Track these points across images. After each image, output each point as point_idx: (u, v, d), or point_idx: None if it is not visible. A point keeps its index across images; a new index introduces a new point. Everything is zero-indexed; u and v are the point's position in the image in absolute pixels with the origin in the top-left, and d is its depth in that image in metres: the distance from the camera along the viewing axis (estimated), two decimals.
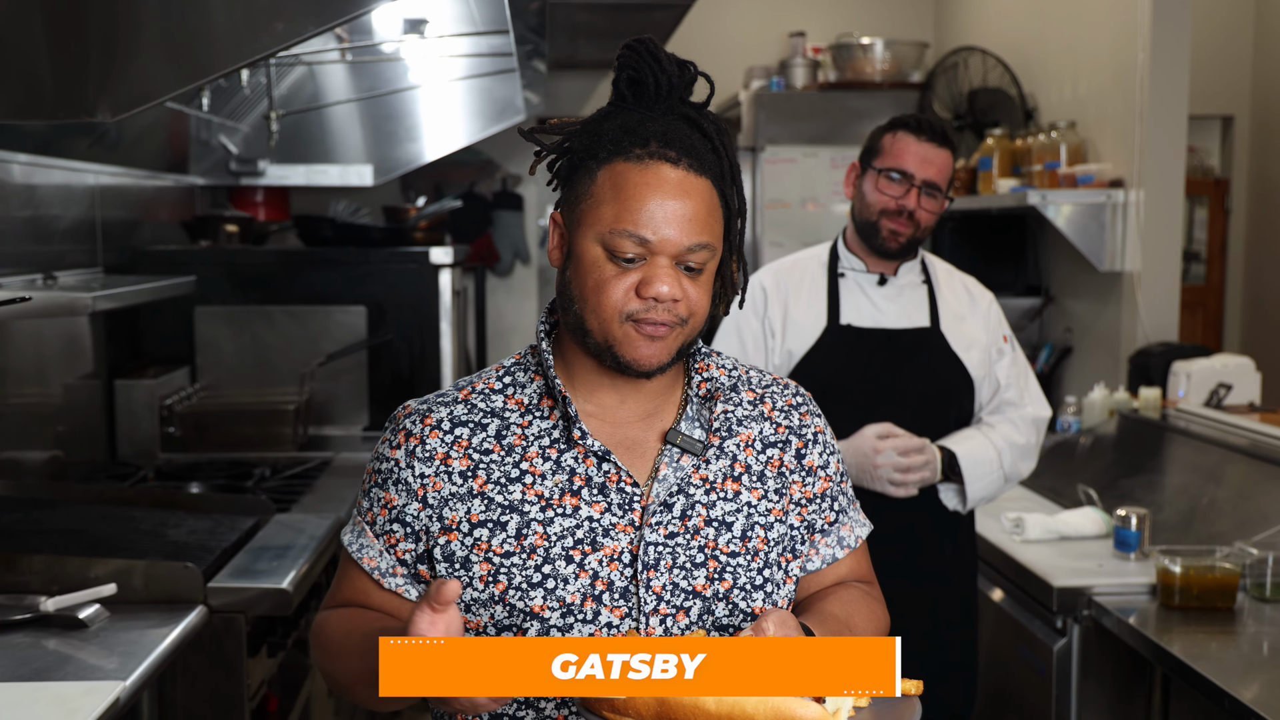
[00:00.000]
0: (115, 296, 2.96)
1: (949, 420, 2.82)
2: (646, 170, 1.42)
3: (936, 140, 2.73)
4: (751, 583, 1.49)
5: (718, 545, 1.48)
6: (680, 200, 1.42)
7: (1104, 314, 4.81)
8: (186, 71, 2.39)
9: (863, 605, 1.61)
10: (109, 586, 2.33)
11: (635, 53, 1.47)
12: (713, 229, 1.45)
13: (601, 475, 1.47)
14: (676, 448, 1.50)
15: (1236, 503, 3.28)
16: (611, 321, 1.43)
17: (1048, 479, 3.89)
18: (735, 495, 1.51)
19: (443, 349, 4.31)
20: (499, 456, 1.48)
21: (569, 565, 1.44)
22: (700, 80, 1.53)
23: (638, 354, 1.44)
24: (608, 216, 1.42)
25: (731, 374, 1.60)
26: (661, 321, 1.42)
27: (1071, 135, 4.83)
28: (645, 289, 1.41)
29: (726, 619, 1.47)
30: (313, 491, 3.38)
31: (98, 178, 3.69)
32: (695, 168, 1.44)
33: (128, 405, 3.76)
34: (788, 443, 1.57)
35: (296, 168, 4.79)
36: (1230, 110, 6.82)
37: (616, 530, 1.45)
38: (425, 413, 1.51)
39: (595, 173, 1.45)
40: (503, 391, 1.53)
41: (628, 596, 1.44)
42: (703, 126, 1.48)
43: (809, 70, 6.11)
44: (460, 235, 6.24)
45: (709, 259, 1.44)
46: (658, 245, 1.41)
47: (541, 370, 1.52)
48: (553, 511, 1.45)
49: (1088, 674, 3.00)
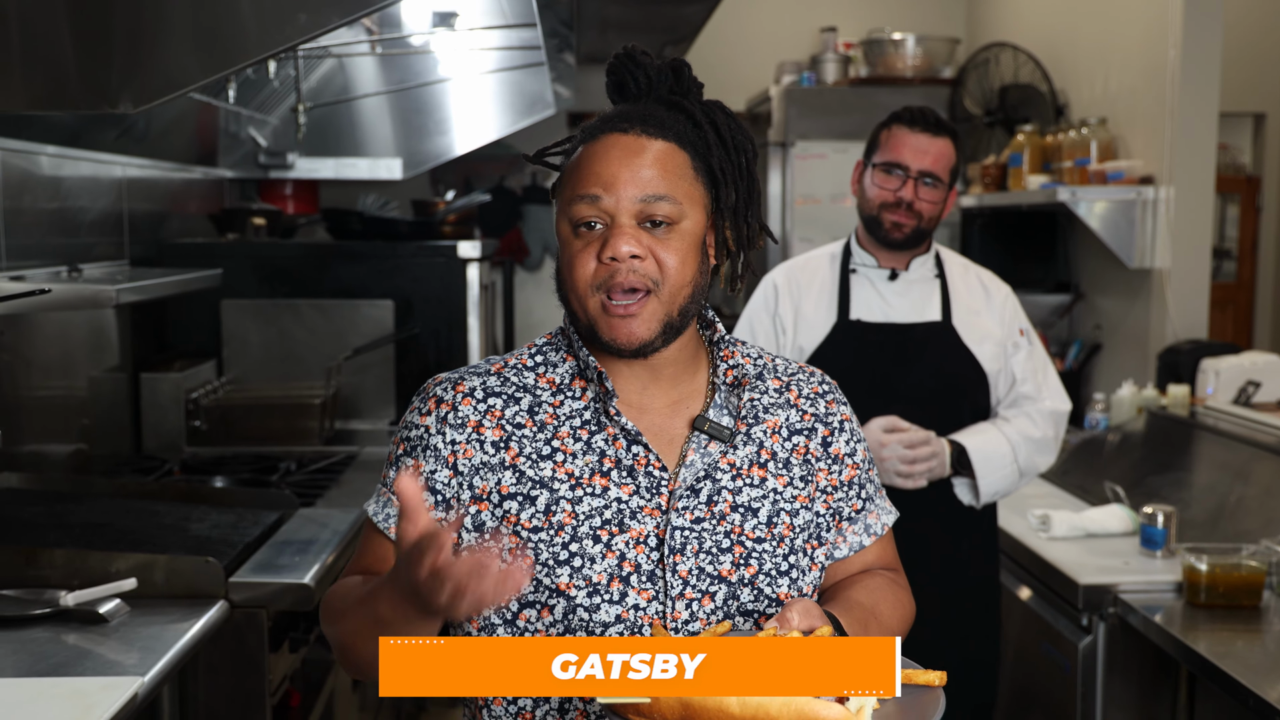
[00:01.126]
0: (140, 289, 2.97)
1: (963, 414, 2.81)
2: (598, 142, 1.47)
3: (930, 130, 2.73)
4: (777, 568, 1.50)
5: (744, 531, 1.49)
6: (632, 157, 1.44)
7: (1133, 311, 4.77)
8: (210, 63, 2.39)
9: (888, 593, 1.61)
10: (129, 581, 2.34)
11: (618, 60, 1.53)
12: (675, 185, 1.45)
13: (630, 458, 1.47)
14: (704, 434, 1.50)
15: (1264, 500, 3.25)
16: (586, 296, 1.45)
17: (1075, 476, 3.87)
18: (761, 481, 1.52)
19: (470, 343, 4.31)
20: (531, 432, 1.48)
21: (596, 545, 1.44)
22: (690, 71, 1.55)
23: (615, 333, 1.44)
24: (568, 192, 1.47)
25: (757, 363, 1.61)
26: (628, 286, 1.42)
27: (1102, 132, 4.79)
28: (605, 250, 1.42)
29: (752, 604, 1.48)
30: (338, 486, 3.39)
31: (125, 170, 3.70)
32: (650, 131, 1.46)
33: (153, 398, 3.77)
34: (814, 430, 1.58)
35: (325, 161, 4.80)
36: (1262, 108, 6.76)
37: (644, 513, 1.46)
38: (457, 380, 1.52)
39: (565, 166, 1.50)
40: (534, 369, 1.53)
41: (654, 580, 1.45)
42: (684, 105, 1.51)
43: (840, 65, 6.08)
44: (489, 229, 6.25)
45: (676, 215, 1.44)
46: (613, 204, 1.43)
47: (573, 350, 1.53)
48: (582, 491, 1.46)
49: (1113, 671, 2.98)
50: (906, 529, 2.65)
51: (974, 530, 2.87)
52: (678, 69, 1.52)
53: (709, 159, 1.49)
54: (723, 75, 6.25)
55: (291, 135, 4.65)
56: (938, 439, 2.71)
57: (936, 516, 2.79)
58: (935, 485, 2.75)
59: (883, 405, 2.71)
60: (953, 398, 2.82)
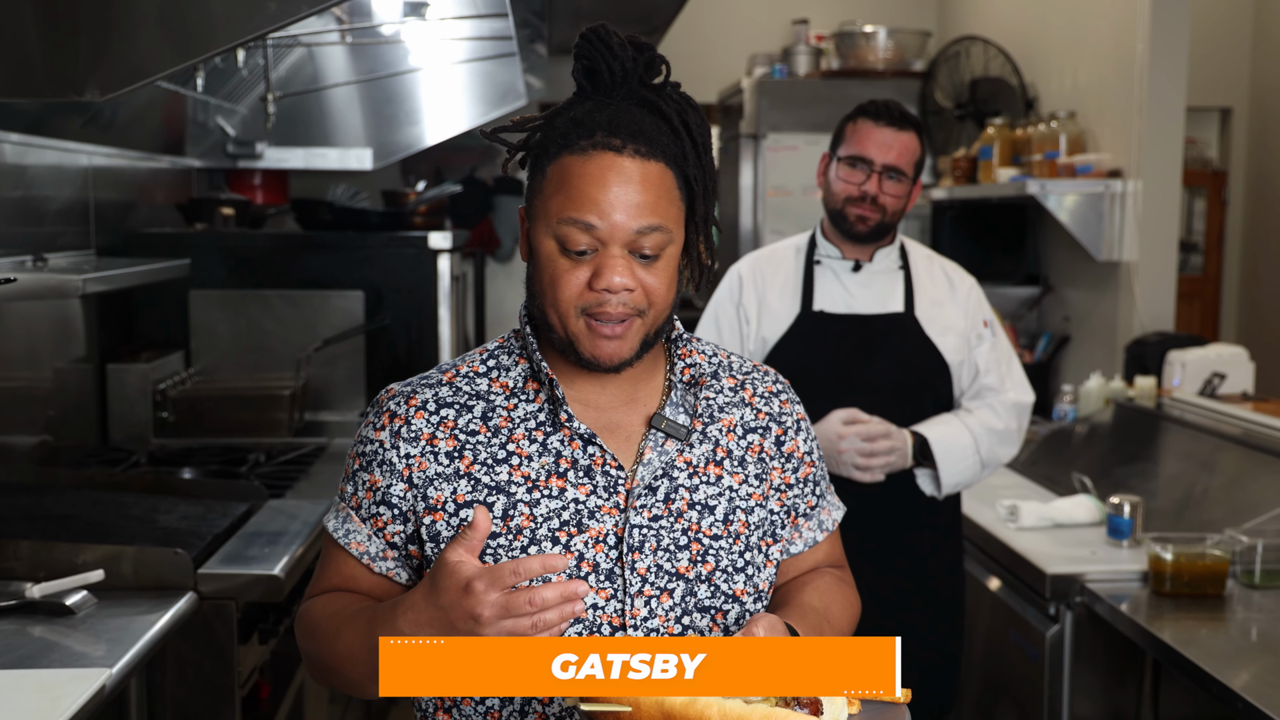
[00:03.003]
0: (107, 279, 2.94)
1: (925, 405, 2.82)
2: (589, 160, 1.41)
3: (896, 124, 2.74)
4: (733, 565, 1.50)
5: (700, 528, 1.49)
6: (626, 185, 1.40)
7: (1101, 303, 4.80)
8: (178, 51, 2.36)
9: (837, 594, 1.63)
10: (97, 573, 2.32)
11: (588, 42, 1.46)
12: (666, 212, 1.43)
13: (587, 458, 1.47)
14: (661, 432, 1.50)
15: (1229, 491, 3.29)
16: (568, 316, 1.43)
17: (1043, 467, 3.90)
18: (717, 479, 1.52)
19: (441, 335, 4.30)
20: (485, 438, 1.47)
21: (555, 547, 1.44)
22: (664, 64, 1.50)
23: (597, 351, 1.44)
24: (555, 209, 1.42)
25: (712, 360, 1.61)
26: (616, 316, 1.42)
27: (1071, 125, 4.82)
28: (597, 281, 1.40)
29: (709, 600, 1.48)
30: (308, 478, 3.37)
31: (91, 159, 3.67)
32: (643, 152, 1.42)
33: (120, 390, 3.74)
34: (768, 429, 1.59)
35: (295, 150, 4.77)
36: (1229, 103, 6.81)
37: (602, 512, 1.46)
38: (409, 394, 1.51)
39: (545, 168, 1.45)
40: (487, 375, 1.52)
41: (613, 578, 1.45)
42: (661, 108, 1.46)
43: (812, 58, 6.10)
44: (460, 220, 6.23)
45: (664, 243, 1.43)
46: (605, 232, 1.40)
47: (526, 354, 1.53)
48: (539, 493, 1.45)
49: (1080, 660, 3.00)
50: (869, 520, 2.67)
51: (937, 520, 2.88)
52: (650, 61, 1.47)
53: (686, 170, 1.47)
54: (695, 67, 6.25)
55: (260, 125, 4.62)
56: (898, 432, 2.72)
57: (899, 507, 2.80)
58: (897, 476, 2.76)
59: (845, 396, 2.72)
60: (915, 389, 2.83)
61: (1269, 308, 6.70)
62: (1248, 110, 6.81)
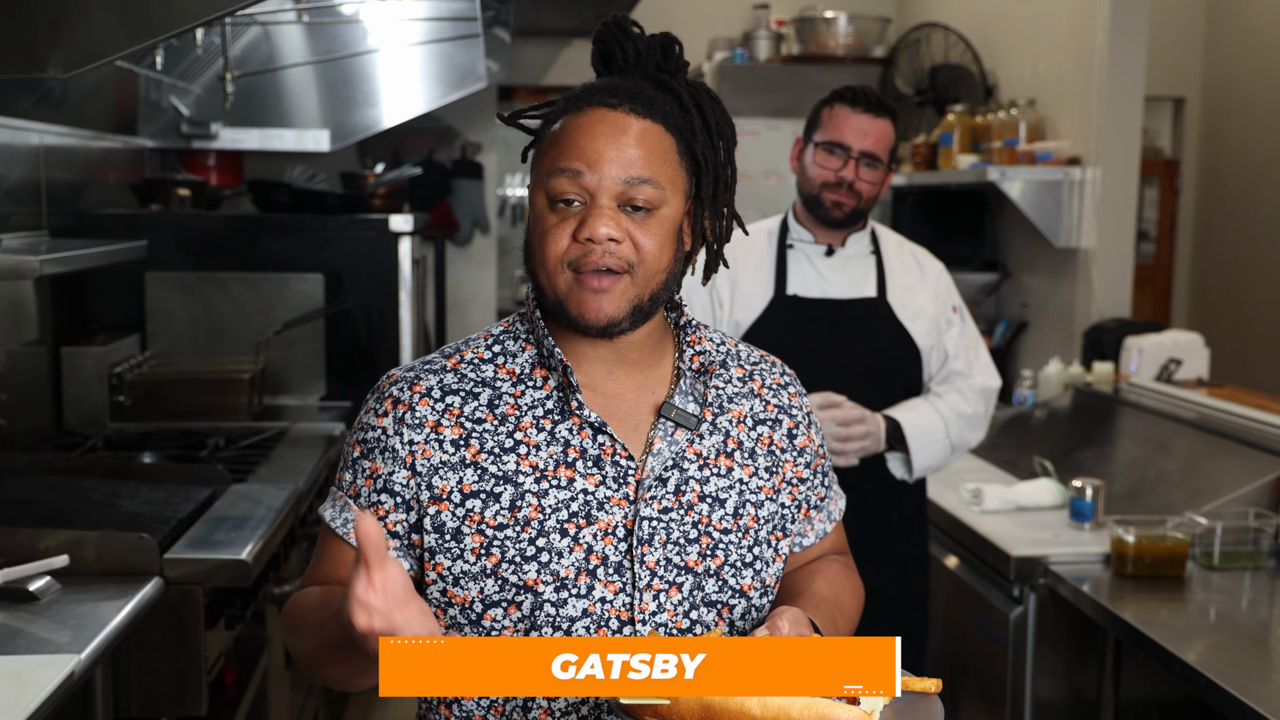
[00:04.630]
0: (63, 260, 2.88)
1: (896, 390, 2.83)
2: (584, 115, 1.41)
3: (873, 111, 2.74)
4: (742, 560, 1.48)
5: (711, 521, 1.46)
6: (617, 137, 1.39)
7: (1059, 289, 4.84)
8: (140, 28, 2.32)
9: (846, 581, 1.63)
10: (61, 558, 2.27)
11: (606, 29, 1.48)
12: (660, 170, 1.41)
13: (596, 448, 1.44)
14: (671, 421, 1.47)
15: (1185, 474, 3.33)
16: (556, 272, 1.41)
17: (1004, 451, 3.93)
18: (728, 471, 1.49)
19: (402, 318, 4.26)
20: (492, 426, 1.44)
21: (563, 539, 1.41)
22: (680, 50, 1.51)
23: (584, 308, 1.40)
24: (547, 163, 1.41)
25: (720, 349, 1.58)
26: (602, 266, 1.38)
27: (1031, 113, 4.85)
28: (582, 231, 1.38)
29: (716, 595, 1.46)
30: (269, 462, 3.33)
31: (42, 138, 3.60)
32: (639, 111, 1.41)
33: (75, 373, 3.68)
34: (778, 421, 1.56)
35: (250, 131, 4.71)
36: (1182, 92, 6.89)
37: (611, 504, 1.42)
38: (413, 380, 1.47)
39: (546, 133, 1.45)
40: (492, 361, 1.49)
41: (622, 571, 1.42)
42: (672, 86, 1.46)
43: (772, 43, 6.10)
44: (419, 203, 6.18)
45: (658, 200, 1.40)
46: (594, 182, 1.38)
47: (534, 339, 1.49)
48: (547, 483, 1.42)
49: (1043, 641, 3.04)
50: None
51: (903, 503, 2.90)
52: (667, 45, 1.47)
53: (693, 144, 1.45)
54: None
55: (215, 105, 4.56)
56: (873, 417, 2.73)
57: (867, 490, 2.81)
58: (868, 459, 2.77)
59: (818, 380, 2.72)
60: (886, 373, 2.84)
61: (1219, 295, 6.79)
62: (1200, 100, 6.88)
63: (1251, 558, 2.91)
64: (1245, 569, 2.91)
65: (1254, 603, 2.77)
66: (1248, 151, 6.54)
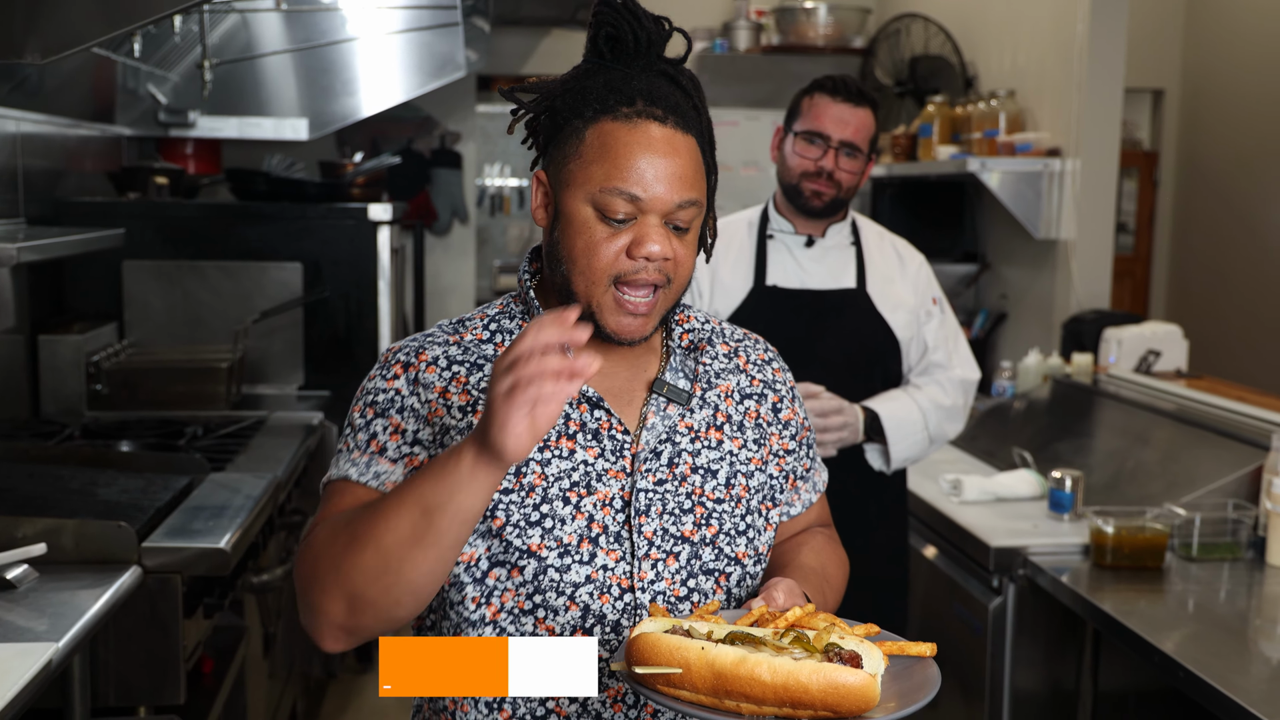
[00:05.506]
0: (40, 248, 2.87)
1: (875, 381, 2.83)
2: (635, 129, 1.43)
3: (853, 100, 2.74)
4: (735, 528, 1.52)
5: (704, 492, 1.51)
6: (669, 158, 1.42)
7: (1038, 281, 4.86)
8: (117, 15, 2.31)
9: (831, 553, 1.68)
10: (38, 546, 2.27)
11: (613, 8, 1.47)
12: (699, 186, 1.46)
13: (594, 421, 1.49)
14: (663, 397, 1.52)
15: (1164, 465, 3.34)
16: (598, 285, 1.43)
17: (983, 442, 3.94)
18: (719, 444, 1.54)
19: (380, 307, 4.25)
20: None
21: (566, 506, 1.45)
22: (677, 37, 1.53)
23: (620, 324, 1.45)
24: (597, 176, 1.42)
25: (704, 327, 1.63)
26: (648, 282, 1.43)
27: (1011, 104, 4.86)
28: (636, 249, 1.41)
29: (713, 563, 1.50)
30: (247, 451, 3.32)
31: (19, 125, 3.57)
32: (681, 125, 1.45)
33: (52, 361, 3.66)
34: (763, 395, 1.62)
35: (229, 120, 4.69)
36: (1161, 84, 6.91)
37: (609, 476, 1.47)
38: (419, 349, 1.51)
39: (582, 132, 1.44)
40: (491, 340, 1.53)
41: (621, 541, 1.46)
42: (681, 83, 1.49)
43: (752, 33, 6.10)
44: (397, 192, 6.16)
45: (696, 216, 1.46)
46: (648, 203, 1.41)
47: (530, 318, 1.53)
48: (550, 453, 1.46)
49: (1022, 631, 3.05)
50: None
51: (883, 494, 2.90)
52: (672, 36, 1.51)
53: (704, 147, 1.49)
54: None
55: (193, 93, 4.54)
56: (850, 407, 2.73)
57: (846, 481, 2.81)
58: (846, 450, 2.77)
59: (797, 371, 2.70)
60: (866, 364, 2.84)
61: (1198, 287, 6.82)
62: (1179, 92, 6.91)
63: (1230, 549, 2.93)
64: (1224, 560, 2.92)
65: (1232, 593, 2.78)
66: (1226, 144, 6.58)
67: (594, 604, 1.44)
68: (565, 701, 1.46)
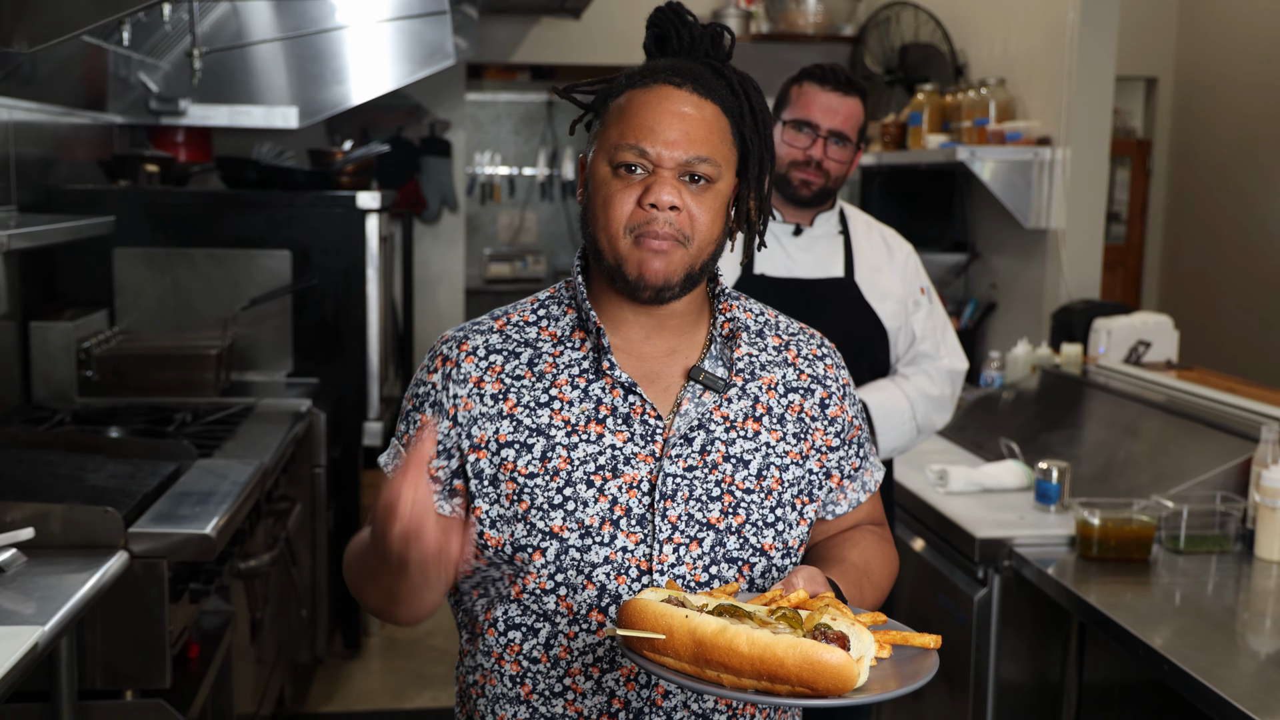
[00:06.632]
0: (31, 235, 2.88)
1: (863, 371, 2.83)
2: (651, 91, 1.51)
3: (841, 89, 2.74)
4: (763, 520, 1.54)
5: (734, 481, 1.54)
6: (682, 116, 1.49)
7: (1028, 270, 4.86)
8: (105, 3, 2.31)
9: (878, 550, 1.68)
10: (26, 531, 2.28)
11: (662, 14, 1.57)
12: (717, 149, 1.50)
13: (627, 406, 1.52)
14: (699, 384, 1.55)
15: (1153, 457, 3.34)
16: (617, 236, 1.49)
17: (970, 432, 3.94)
18: (755, 435, 1.57)
19: (369, 296, 4.26)
20: (530, 382, 1.54)
21: (589, 489, 1.49)
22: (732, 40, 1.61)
23: (645, 268, 1.49)
24: (614, 136, 1.50)
25: (759, 319, 1.66)
26: (662, 234, 1.47)
27: (1001, 92, 4.86)
28: (646, 197, 1.47)
29: (737, 552, 1.52)
30: (235, 438, 3.33)
31: (11, 113, 3.57)
32: (700, 91, 1.51)
33: (43, 348, 3.67)
34: (811, 390, 1.63)
35: (219, 108, 4.69)
36: (1154, 73, 6.91)
37: (637, 459, 1.51)
38: (462, 339, 1.58)
39: (609, 105, 1.54)
40: (536, 324, 1.59)
41: (644, 523, 1.49)
42: (723, 71, 1.55)
43: (742, 21, 6.09)
44: (386, 181, 6.16)
45: (714, 175, 1.50)
46: (658, 156, 1.47)
47: (575, 304, 1.59)
48: (577, 437, 1.51)
49: (1007, 623, 3.05)
50: None
51: None
52: (718, 35, 1.57)
53: (742, 127, 1.54)
54: (624, 30, 6.21)
55: (183, 81, 4.53)
56: None
57: None
58: None
59: None
60: (853, 354, 2.82)
61: (1191, 277, 6.83)
62: (1173, 80, 6.91)
63: (1218, 541, 2.92)
64: (1212, 553, 2.91)
65: (1220, 586, 2.77)
66: (1221, 132, 6.58)
67: (610, 584, 1.48)
68: (581, 679, 1.51)
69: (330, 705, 4.27)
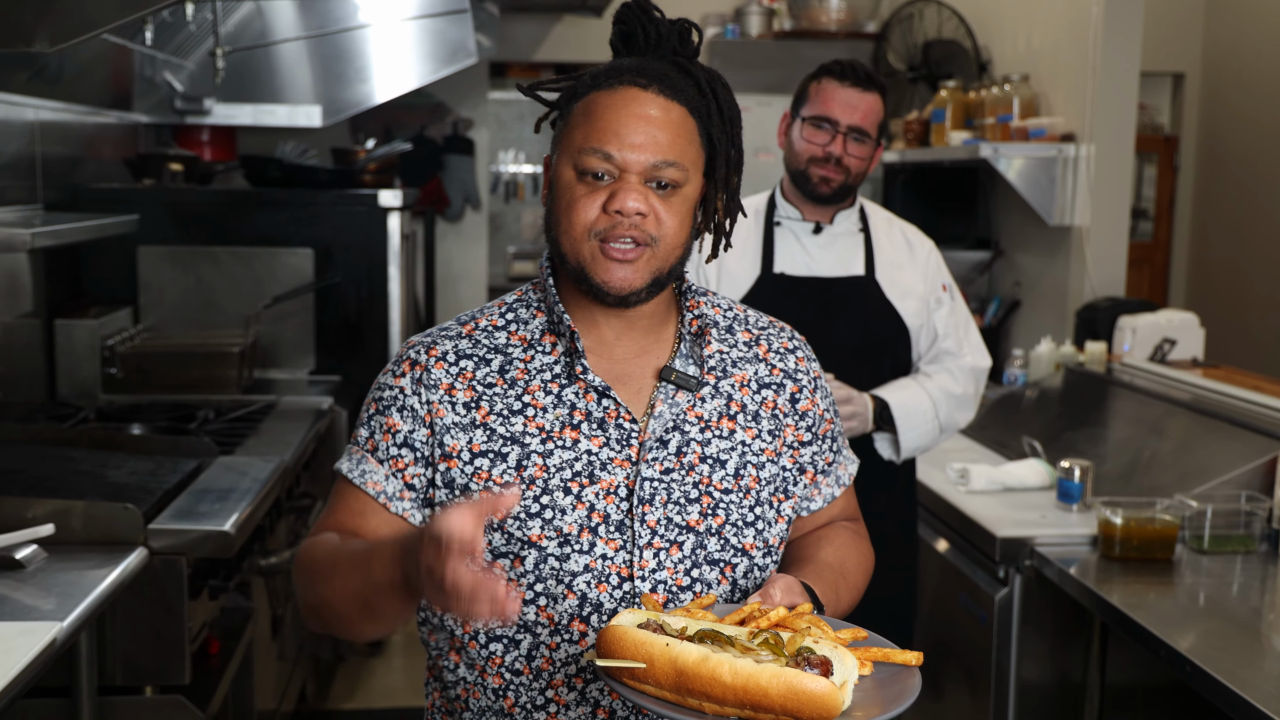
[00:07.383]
0: (56, 234, 2.90)
1: (884, 369, 2.81)
2: (615, 94, 1.47)
3: (861, 85, 2.72)
4: (743, 519, 1.52)
5: (711, 482, 1.52)
6: (648, 120, 1.45)
7: (1052, 268, 4.83)
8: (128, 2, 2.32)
9: (853, 548, 1.67)
10: (47, 527, 2.30)
11: (628, 9, 1.53)
12: (684, 152, 1.47)
13: (601, 410, 1.49)
14: (671, 384, 1.53)
15: (1178, 456, 3.31)
16: (581, 241, 1.46)
17: (993, 430, 3.92)
18: (730, 434, 1.54)
19: (391, 293, 4.27)
20: (502, 390, 1.50)
21: (566, 496, 1.46)
22: (700, 36, 1.57)
23: (608, 276, 1.46)
24: (578, 139, 1.47)
25: (727, 314, 1.64)
26: (628, 237, 1.44)
27: (1024, 89, 4.84)
28: (612, 203, 1.44)
29: (718, 553, 1.50)
30: (257, 435, 3.34)
31: (38, 113, 3.60)
32: (666, 93, 1.47)
33: (68, 345, 3.70)
34: (782, 385, 1.61)
35: (243, 107, 4.71)
36: (1181, 68, 6.86)
37: (614, 465, 1.48)
38: (430, 344, 1.54)
39: (573, 106, 1.51)
40: (505, 328, 1.55)
41: (623, 529, 1.47)
42: (690, 70, 1.52)
43: (764, 19, 6.08)
44: (410, 179, 6.17)
45: (680, 180, 1.47)
46: (624, 161, 1.44)
47: (545, 306, 1.56)
48: (553, 444, 1.48)
49: (1028, 623, 3.03)
50: None
51: (893, 484, 2.88)
52: (685, 31, 1.54)
53: (709, 127, 1.51)
54: None
55: (207, 80, 4.55)
56: (860, 397, 2.71)
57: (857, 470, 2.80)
58: (855, 440, 2.75)
59: None
60: (875, 352, 2.82)
61: (1218, 275, 6.78)
62: (1200, 76, 6.86)
63: (1243, 541, 2.90)
64: (1236, 553, 2.89)
65: (1244, 587, 2.74)
66: (1248, 128, 6.53)
67: (591, 592, 1.45)
68: (564, 690, 1.48)
69: (352, 702, 4.29)
